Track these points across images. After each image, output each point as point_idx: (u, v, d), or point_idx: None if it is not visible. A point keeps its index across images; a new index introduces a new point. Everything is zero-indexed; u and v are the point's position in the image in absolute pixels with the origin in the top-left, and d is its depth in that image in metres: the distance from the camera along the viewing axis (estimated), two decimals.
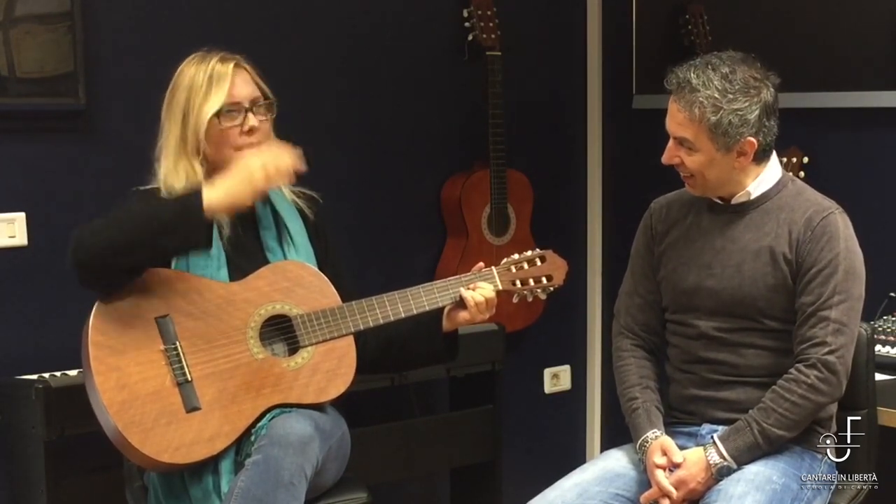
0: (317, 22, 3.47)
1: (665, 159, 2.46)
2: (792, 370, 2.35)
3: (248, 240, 2.53)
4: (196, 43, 2.57)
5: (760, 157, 2.44)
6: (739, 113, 2.35)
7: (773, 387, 2.36)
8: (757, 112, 2.37)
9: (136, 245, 2.31)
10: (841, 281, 2.35)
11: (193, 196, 2.32)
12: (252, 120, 2.48)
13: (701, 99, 2.35)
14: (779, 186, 2.47)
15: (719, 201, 2.50)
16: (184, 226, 2.31)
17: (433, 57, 3.69)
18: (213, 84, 2.45)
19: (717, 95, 2.34)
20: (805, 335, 2.35)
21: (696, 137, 2.38)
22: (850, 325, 2.36)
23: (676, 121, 2.41)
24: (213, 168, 2.47)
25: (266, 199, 2.57)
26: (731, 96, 2.35)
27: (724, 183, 2.45)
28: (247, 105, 2.48)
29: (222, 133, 2.46)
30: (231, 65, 2.48)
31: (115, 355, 2.34)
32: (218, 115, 2.45)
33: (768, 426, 2.34)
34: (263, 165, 2.35)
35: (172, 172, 2.47)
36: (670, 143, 2.44)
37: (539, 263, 2.58)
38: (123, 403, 2.31)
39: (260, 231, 2.56)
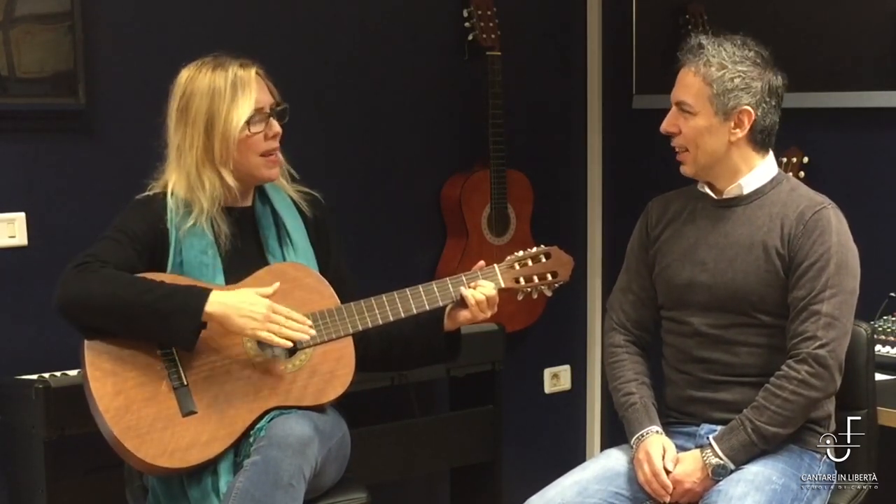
0: (317, 22, 3.46)
1: (664, 126, 2.47)
2: (783, 366, 2.36)
3: (247, 241, 2.53)
4: (196, 43, 2.57)
5: (758, 141, 2.45)
6: (743, 75, 2.39)
7: (766, 384, 2.37)
8: (760, 84, 2.41)
9: (122, 319, 2.31)
10: (833, 275, 2.35)
11: (197, 296, 2.31)
12: (275, 125, 2.48)
13: (708, 56, 2.40)
14: (773, 184, 2.48)
15: (713, 195, 2.50)
16: (176, 325, 2.29)
17: (433, 57, 3.69)
18: (239, 90, 2.43)
19: (725, 56, 2.40)
20: (796, 330, 2.36)
21: (697, 98, 2.40)
22: (842, 320, 2.36)
23: (681, 83, 2.44)
24: (238, 175, 2.47)
25: (266, 198, 2.58)
26: (738, 59, 2.40)
27: (717, 160, 2.44)
28: (268, 111, 2.47)
29: (248, 139, 2.45)
30: (252, 71, 2.47)
31: (112, 360, 2.34)
32: (248, 121, 2.44)
33: (761, 424, 2.34)
34: (274, 322, 2.34)
35: (196, 182, 2.45)
36: (671, 110, 2.46)
37: (544, 260, 2.58)
38: (119, 409, 2.31)
39: (260, 232, 2.56)
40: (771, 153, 2.49)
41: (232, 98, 2.42)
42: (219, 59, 2.48)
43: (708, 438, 2.39)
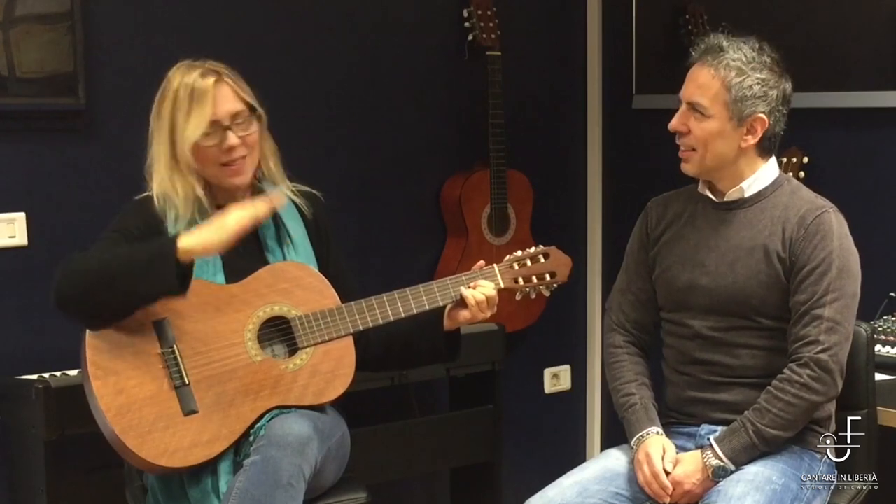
0: (317, 22, 3.47)
1: (673, 124, 2.44)
2: (785, 370, 2.36)
3: (246, 241, 2.52)
4: (196, 43, 2.57)
5: (765, 147, 2.44)
6: (762, 83, 2.37)
7: (768, 387, 2.37)
8: (776, 92, 2.39)
9: (108, 286, 2.29)
10: (834, 279, 2.35)
11: (168, 242, 2.31)
12: (231, 138, 2.43)
13: (728, 60, 2.37)
14: (774, 186, 2.47)
15: (713, 198, 2.50)
16: (156, 271, 2.28)
17: (433, 57, 3.69)
18: (194, 103, 2.40)
19: (745, 59, 2.37)
20: (798, 334, 2.36)
21: (713, 101, 2.38)
22: (844, 324, 2.36)
23: (696, 83, 2.40)
24: (207, 182, 2.47)
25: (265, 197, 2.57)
26: (757, 65, 2.37)
27: (723, 164, 2.44)
28: (226, 123, 2.43)
29: (202, 151, 2.43)
30: (212, 80, 2.42)
31: (113, 359, 2.34)
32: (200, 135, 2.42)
33: (763, 426, 2.34)
34: (239, 219, 2.33)
35: (169, 187, 2.45)
36: (681, 108, 2.43)
37: (542, 260, 2.58)
38: (121, 408, 2.31)
39: (259, 231, 2.56)
40: (773, 157, 2.49)
41: (188, 111, 2.40)
42: (190, 64, 2.45)
43: (708, 439, 2.39)
